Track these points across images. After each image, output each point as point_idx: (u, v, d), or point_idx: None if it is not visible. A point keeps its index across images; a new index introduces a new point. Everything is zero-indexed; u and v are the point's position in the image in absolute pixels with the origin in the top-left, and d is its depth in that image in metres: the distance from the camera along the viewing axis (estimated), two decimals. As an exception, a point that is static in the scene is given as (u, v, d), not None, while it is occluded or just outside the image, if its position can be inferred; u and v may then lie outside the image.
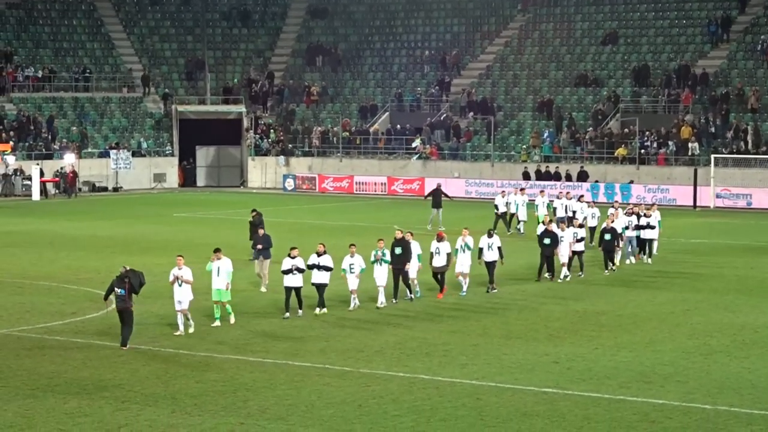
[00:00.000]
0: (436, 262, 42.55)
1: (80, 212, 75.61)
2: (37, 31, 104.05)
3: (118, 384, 30.48)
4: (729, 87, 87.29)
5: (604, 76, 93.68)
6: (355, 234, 47.69)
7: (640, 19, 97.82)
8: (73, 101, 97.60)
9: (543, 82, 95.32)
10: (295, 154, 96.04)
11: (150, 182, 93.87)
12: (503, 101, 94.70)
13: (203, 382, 30.69)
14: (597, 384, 30.36)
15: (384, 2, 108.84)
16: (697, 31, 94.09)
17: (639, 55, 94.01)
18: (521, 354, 34.12)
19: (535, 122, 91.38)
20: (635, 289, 45.78)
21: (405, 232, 42.08)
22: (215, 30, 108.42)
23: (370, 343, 35.35)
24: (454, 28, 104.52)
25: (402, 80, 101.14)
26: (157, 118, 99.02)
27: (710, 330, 37.67)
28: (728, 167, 79.12)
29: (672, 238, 58.92)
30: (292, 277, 38.44)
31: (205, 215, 72.00)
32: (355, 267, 39.91)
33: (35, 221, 69.43)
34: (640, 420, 27.15)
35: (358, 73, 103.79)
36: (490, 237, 44.13)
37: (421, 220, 64.67)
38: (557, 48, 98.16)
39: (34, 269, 48.84)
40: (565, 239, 46.81)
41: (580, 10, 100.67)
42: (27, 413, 27.70)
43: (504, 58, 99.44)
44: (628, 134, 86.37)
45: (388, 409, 27.98)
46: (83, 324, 36.16)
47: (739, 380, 30.86)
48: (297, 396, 29.25)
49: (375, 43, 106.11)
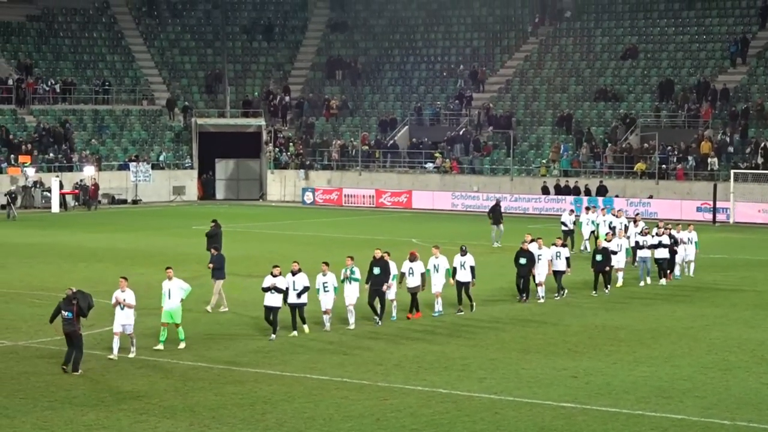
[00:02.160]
0: (410, 283, 41.45)
1: (100, 224, 75.74)
2: (57, 44, 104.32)
3: (136, 396, 30.54)
4: (749, 102, 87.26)
5: (624, 90, 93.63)
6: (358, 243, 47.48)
7: (660, 34, 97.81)
8: (92, 113, 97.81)
9: (562, 97, 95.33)
10: (314, 168, 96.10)
11: (169, 195, 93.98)
12: (522, 115, 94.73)
13: (221, 395, 30.74)
14: (615, 399, 30.34)
15: (404, 16, 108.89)
16: (717, 46, 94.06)
17: (659, 70, 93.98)
18: (539, 368, 34.10)
19: (555, 137, 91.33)
20: (653, 304, 45.72)
21: (383, 251, 40.81)
22: (235, 43, 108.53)
23: (388, 357, 35.36)
24: (473, 42, 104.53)
25: (421, 94, 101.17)
26: (177, 130, 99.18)
27: (729, 345, 37.64)
28: (748, 182, 79.00)
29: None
30: (271, 296, 37.54)
31: (224, 228, 72.02)
32: (328, 285, 38.77)
33: (55, 233, 69.53)
34: (659, 434, 27.19)
35: (377, 87, 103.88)
36: (464, 255, 42.80)
37: (437, 234, 64.60)
38: (577, 62, 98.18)
39: (53, 281, 48.91)
40: (543, 258, 45.49)
41: (599, 24, 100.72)
42: (45, 425, 27.76)
43: (524, 72, 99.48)
44: (648, 149, 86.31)
45: (406, 423, 27.99)
46: (101, 336, 36.15)
47: (759, 396, 30.84)
48: (315, 409, 29.28)
49: (395, 57, 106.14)
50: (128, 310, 34.35)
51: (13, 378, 32.28)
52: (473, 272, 42.64)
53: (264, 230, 72.27)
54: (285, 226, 75.24)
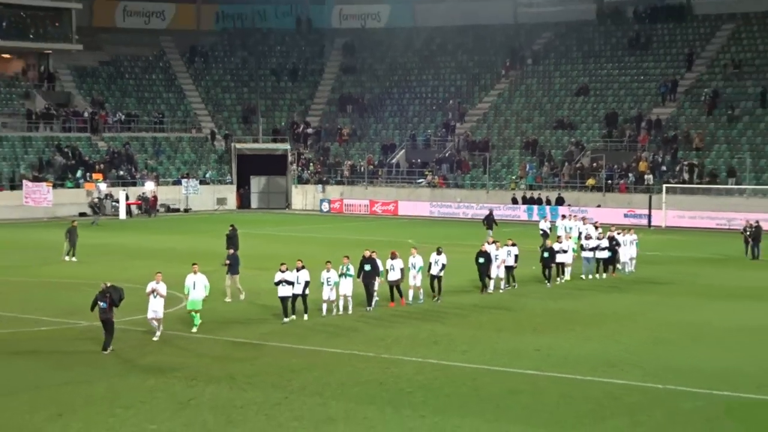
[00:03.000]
0: (391, 277, 41.00)
1: (157, 229, 75.77)
2: (123, 84, 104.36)
3: (186, 366, 30.57)
4: (677, 131, 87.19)
5: (578, 121, 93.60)
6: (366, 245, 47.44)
7: (606, 75, 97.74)
8: (152, 140, 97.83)
9: (528, 126, 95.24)
10: (329, 183, 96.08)
11: (213, 205, 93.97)
12: (496, 141, 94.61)
13: (254, 365, 30.76)
14: (571, 368, 30.32)
15: (401, 61, 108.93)
16: (653, 85, 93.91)
17: (605, 104, 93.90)
18: (510, 343, 34.12)
19: (522, 158, 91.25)
20: (601, 292, 45.69)
21: (371, 251, 40.50)
22: (266, 83, 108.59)
23: (387, 335, 35.35)
24: (457, 83, 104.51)
25: (415, 124, 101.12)
26: (220, 153, 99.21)
27: (662, 325, 37.65)
28: (677, 194, 78.96)
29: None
30: (282, 288, 37.10)
31: (257, 231, 71.99)
32: (330, 280, 38.48)
33: (122, 236, 69.61)
34: (606, 396, 27.16)
35: (380, 118, 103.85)
36: (439, 255, 42.33)
37: (422, 235, 64.59)
38: (539, 98, 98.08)
39: (118, 274, 48.94)
40: (498, 257, 44.86)
41: (558, 68, 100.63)
42: (115, 389, 27.80)
43: (497, 106, 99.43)
44: (597, 168, 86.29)
45: (404, 387, 28.04)
46: (168, 315, 35.95)
47: (686, 365, 30.86)
48: (330, 376, 29.29)
49: (394, 94, 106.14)
50: (160, 298, 33.99)
51: (86, 352, 32.34)
52: (443, 268, 42.19)
53: (289, 233, 72.25)
54: (305, 230, 75.25)
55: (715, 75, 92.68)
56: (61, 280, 47.32)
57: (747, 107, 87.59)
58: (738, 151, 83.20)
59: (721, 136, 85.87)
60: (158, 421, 24.82)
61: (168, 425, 24.53)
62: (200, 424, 24.66)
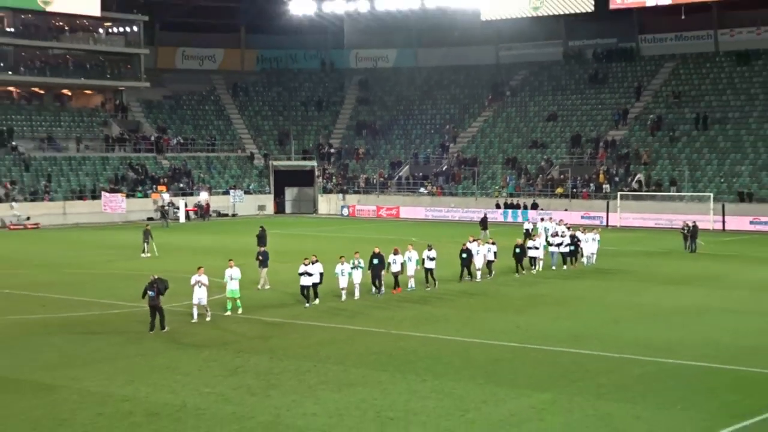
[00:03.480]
0: (393, 269, 40.63)
1: (210, 230, 75.81)
2: (182, 113, 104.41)
3: (234, 341, 30.58)
4: (629, 149, 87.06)
5: (548, 141, 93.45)
6: (379, 243, 47.42)
7: (571, 104, 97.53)
8: (205, 158, 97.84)
9: (509, 146, 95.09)
10: (348, 192, 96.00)
11: (255, 210, 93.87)
12: (483, 158, 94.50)
13: (289, 340, 30.77)
14: (544, 341, 30.28)
15: (406, 94, 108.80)
16: (609, 113, 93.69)
17: (571, 128, 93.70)
18: (495, 321, 34.07)
19: (504, 171, 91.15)
20: (568, 279, 45.60)
21: (379, 248, 40.38)
22: (297, 112, 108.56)
23: (396, 316, 35.31)
24: (450, 111, 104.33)
25: (417, 145, 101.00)
26: (260, 169, 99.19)
27: (619, 306, 37.58)
28: (628, 200, 78.85)
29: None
30: (305, 278, 36.73)
31: (291, 232, 72.05)
32: (344, 272, 38.27)
33: (181, 236, 69.56)
34: (572, 363, 27.14)
35: (389, 140, 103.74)
36: (430, 250, 41.92)
37: (419, 234, 64.60)
38: (517, 123, 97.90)
39: (179, 266, 49.03)
40: (480, 253, 44.44)
41: (532, 99, 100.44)
42: (176, 360, 27.82)
43: (483, 130, 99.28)
44: (564, 179, 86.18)
45: (410, 358, 28.00)
46: (210, 302, 35.99)
47: (640, 338, 30.81)
48: (350, 348, 29.28)
49: (400, 121, 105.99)
50: (204, 287, 33.61)
51: (156, 330, 32.32)
52: (433, 260, 41.75)
53: (316, 233, 72.27)
54: (329, 230, 75.24)
55: (659, 104, 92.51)
56: (137, 272, 47.33)
57: (685, 129, 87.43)
58: (678, 165, 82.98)
59: (664, 153, 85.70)
60: (211, 385, 24.81)
61: (219, 388, 24.52)
62: (246, 387, 24.64)
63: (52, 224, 79.88)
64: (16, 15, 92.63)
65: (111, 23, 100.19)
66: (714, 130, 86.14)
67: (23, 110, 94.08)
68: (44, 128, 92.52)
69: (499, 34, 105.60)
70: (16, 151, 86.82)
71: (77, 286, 43.29)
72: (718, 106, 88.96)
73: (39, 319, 34.95)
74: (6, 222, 77.65)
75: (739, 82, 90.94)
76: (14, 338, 31.24)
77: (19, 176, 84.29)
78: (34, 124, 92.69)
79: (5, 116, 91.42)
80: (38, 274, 47.76)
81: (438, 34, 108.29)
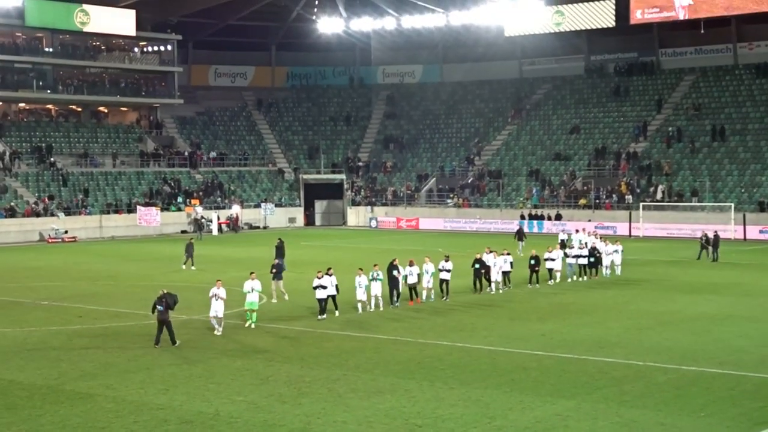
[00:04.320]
0: (410, 281, 39.97)
1: (242, 242, 75.94)
2: (215, 129, 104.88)
3: (265, 350, 30.53)
4: (650, 161, 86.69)
5: (571, 154, 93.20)
6: (402, 254, 47.23)
7: (593, 117, 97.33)
8: (237, 173, 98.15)
9: (533, 158, 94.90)
10: (376, 205, 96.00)
11: (286, 223, 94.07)
12: (507, 170, 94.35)
13: (319, 348, 30.70)
14: (569, 349, 30.10)
15: (432, 109, 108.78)
16: (630, 125, 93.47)
17: (593, 140, 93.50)
18: (520, 329, 33.91)
19: (528, 183, 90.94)
20: (591, 288, 45.38)
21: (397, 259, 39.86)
22: (326, 127, 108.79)
23: (424, 324, 35.21)
24: (475, 125, 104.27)
25: (443, 158, 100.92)
26: (290, 182, 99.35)
27: (642, 314, 37.32)
28: (651, 211, 78.48)
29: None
30: (320, 291, 35.99)
31: (320, 244, 72.12)
32: (362, 284, 37.48)
33: (222, 249, 69.65)
34: (597, 371, 26.94)
35: (415, 153, 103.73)
36: (447, 262, 41.15)
37: (442, 245, 64.42)
38: (541, 136, 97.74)
39: (212, 277, 49.08)
40: (496, 264, 43.32)
41: (555, 112, 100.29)
42: (209, 369, 27.79)
43: (508, 143, 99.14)
44: (587, 190, 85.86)
45: (436, 365, 27.88)
46: (242, 313, 35.99)
47: (662, 346, 30.58)
48: (379, 357, 29.18)
49: (426, 135, 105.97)
50: (221, 300, 32.94)
51: (191, 340, 32.36)
52: (449, 272, 41.12)
53: (345, 245, 72.30)
54: (358, 242, 75.26)
55: (680, 116, 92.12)
56: (172, 284, 47.34)
57: (705, 141, 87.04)
58: (699, 176, 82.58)
59: (685, 164, 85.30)
60: (244, 393, 24.78)
61: (252, 396, 24.48)
62: (277, 395, 24.59)
63: (89, 237, 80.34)
64: (54, 35, 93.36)
65: (146, 42, 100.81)
66: (734, 141, 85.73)
67: (61, 127, 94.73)
68: (81, 144, 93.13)
69: (523, 50, 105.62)
70: (55, 167, 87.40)
71: (113, 297, 43.44)
72: (738, 117, 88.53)
73: (76, 329, 35.06)
74: (44, 235, 78.13)
75: (759, 94, 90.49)
76: (53, 348, 31.34)
77: (57, 191, 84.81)
78: (72, 141, 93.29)
79: (44, 133, 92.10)
80: (76, 286, 47.96)
81: (462, 50, 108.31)
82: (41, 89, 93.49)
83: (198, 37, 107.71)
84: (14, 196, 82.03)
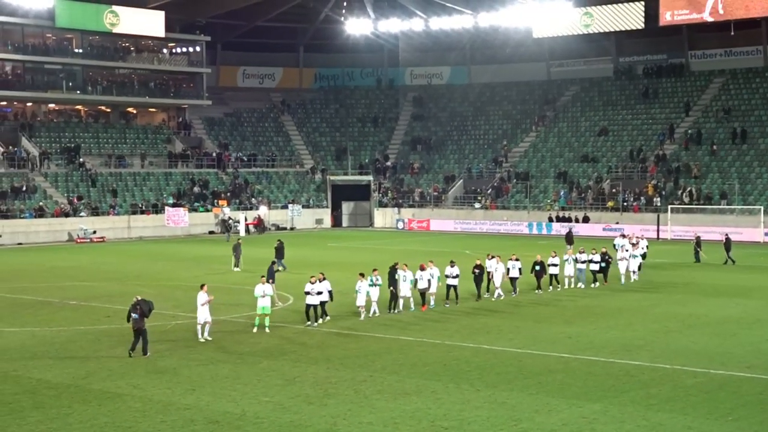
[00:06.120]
0: (420, 285, 39.32)
1: (269, 243, 75.92)
2: (243, 130, 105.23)
3: (292, 351, 30.62)
4: (679, 163, 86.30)
5: (599, 156, 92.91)
6: (430, 255, 47.18)
7: (622, 119, 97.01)
8: (265, 174, 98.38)
9: (560, 160, 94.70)
10: (403, 206, 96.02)
11: (313, 224, 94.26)
12: (535, 172, 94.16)
13: (346, 350, 30.74)
14: (595, 351, 30.03)
15: (459, 110, 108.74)
16: (659, 127, 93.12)
17: (622, 142, 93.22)
18: (546, 332, 33.85)
19: (555, 185, 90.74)
20: (617, 292, 45.22)
21: (401, 264, 39.36)
22: (354, 128, 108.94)
23: (450, 326, 35.20)
24: (503, 127, 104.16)
25: (471, 159, 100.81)
26: (318, 184, 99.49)
27: (668, 317, 37.18)
28: (679, 213, 78.15)
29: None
30: (310, 297, 35.15)
31: (347, 245, 72.17)
32: (362, 289, 36.80)
33: (246, 249, 69.68)
34: (624, 374, 26.85)
35: (443, 155, 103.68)
36: (452, 267, 40.49)
37: (462, 245, 64.38)
38: (569, 138, 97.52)
39: (241, 278, 49.24)
40: (499, 270, 42.05)
41: (583, 114, 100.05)
42: (236, 370, 27.89)
43: (535, 145, 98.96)
44: (615, 193, 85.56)
45: (463, 367, 27.86)
46: (273, 312, 35.99)
47: (688, 349, 30.46)
48: (405, 358, 29.19)
49: (454, 136, 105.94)
50: (207, 306, 32.25)
51: (218, 339, 32.48)
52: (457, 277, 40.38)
53: (372, 246, 72.28)
54: (385, 243, 75.26)
55: (709, 118, 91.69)
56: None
57: (734, 143, 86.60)
58: (728, 179, 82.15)
59: (714, 166, 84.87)
60: (270, 394, 24.85)
61: (278, 397, 24.55)
62: (303, 396, 24.65)
63: (117, 238, 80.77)
64: (84, 37, 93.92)
65: (175, 44, 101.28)
66: (764, 143, 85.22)
67: (90, 128, 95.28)
68: (110, 145, 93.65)
69: (551, 51, 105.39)
70: (84, 168, 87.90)
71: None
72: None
73: (104, 329, 35.27)
74: (73, 236, 78.61)
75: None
76: (81, 348, 31.56)
77: (85, 191, 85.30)
78: (101, 141, 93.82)
79: (73, 134, 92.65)
80: (104, 286, 48.22)
81: (490, 51, 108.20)
82: (71, 90, 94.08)
83: (226, 39, 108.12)
84: (43, 196, 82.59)
